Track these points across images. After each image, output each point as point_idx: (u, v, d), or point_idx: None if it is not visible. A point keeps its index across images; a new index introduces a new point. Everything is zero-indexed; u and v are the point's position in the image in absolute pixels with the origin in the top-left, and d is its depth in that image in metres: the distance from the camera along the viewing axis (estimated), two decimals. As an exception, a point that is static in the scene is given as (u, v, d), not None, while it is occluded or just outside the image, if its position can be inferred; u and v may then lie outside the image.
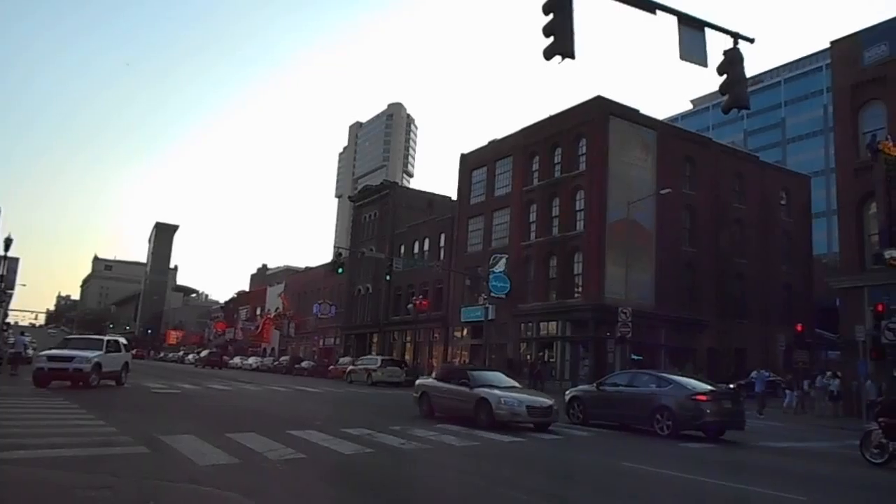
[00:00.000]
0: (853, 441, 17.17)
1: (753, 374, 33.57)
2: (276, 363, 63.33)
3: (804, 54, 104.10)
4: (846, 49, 30.21)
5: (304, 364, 56.50)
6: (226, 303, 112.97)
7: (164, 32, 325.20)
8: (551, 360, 40.22)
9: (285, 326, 76.54)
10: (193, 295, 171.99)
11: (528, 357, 41.41)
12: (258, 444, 10.70)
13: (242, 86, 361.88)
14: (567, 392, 19.80)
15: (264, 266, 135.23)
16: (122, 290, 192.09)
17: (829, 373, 30.03)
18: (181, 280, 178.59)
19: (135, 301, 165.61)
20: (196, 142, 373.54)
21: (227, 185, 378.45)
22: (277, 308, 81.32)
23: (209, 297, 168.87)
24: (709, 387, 16.39)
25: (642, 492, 9.29)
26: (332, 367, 51.32)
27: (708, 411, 15.19)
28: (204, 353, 71.42)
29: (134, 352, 35.72)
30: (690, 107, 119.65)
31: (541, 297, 41.32)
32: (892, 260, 26.16)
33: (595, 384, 18.83)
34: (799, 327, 32.25)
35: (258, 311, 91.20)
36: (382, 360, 42.52)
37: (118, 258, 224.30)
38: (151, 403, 19.17)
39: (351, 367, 44.54)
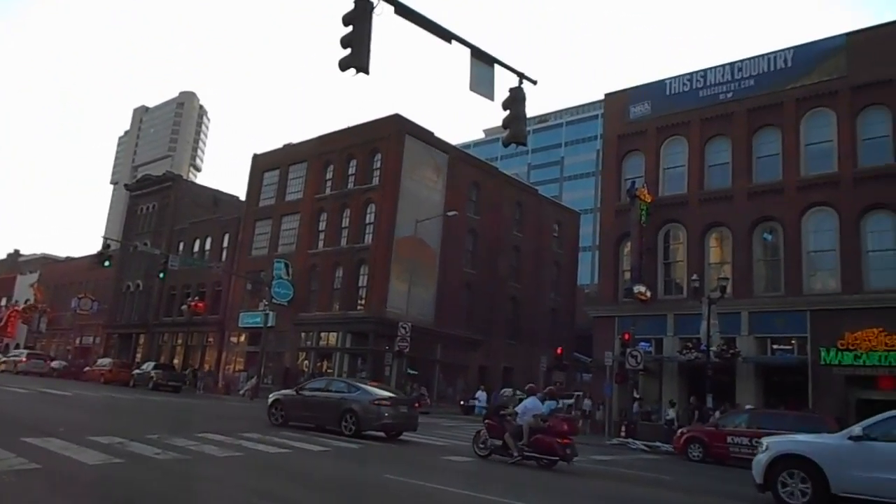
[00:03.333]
0: (596, 456, 18.95)
1: (503, 391, 35.87)
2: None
3: (587, 101, 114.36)
4: (617, 102, 33.69)
5: (54, 364, 50.97)
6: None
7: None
8: (329, 370, 39.99)
9: (35, 321, 68.54)
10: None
11: (306, 367, 40.88)
12: (-19, 454, 9.42)
13: (7, 49, 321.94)
14: (270, 395, 20.91)
15: (16, 252, 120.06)
16: None
17: (578, 393, 32.97)
18: None
19: None
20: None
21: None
22: (28, 300, 72.64)
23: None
24: (390, 393, 18.65)
25: (393, 500, 9.50)
26: (88, 368, 46.87)
27: (386, 414, 17.28)
28: None
29: None
30: (483, 136, 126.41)
31: (324, 307, 41.03)
32: (639, 294, 29.49)
33: (296, 389, 20.10)
34: (559, 350, 35.09)
35: (3, 302, 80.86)
36: (28, 355, 50.90)
37: None
38: None
39: (2, 360, 52.27)
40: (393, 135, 40.47)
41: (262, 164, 49.45)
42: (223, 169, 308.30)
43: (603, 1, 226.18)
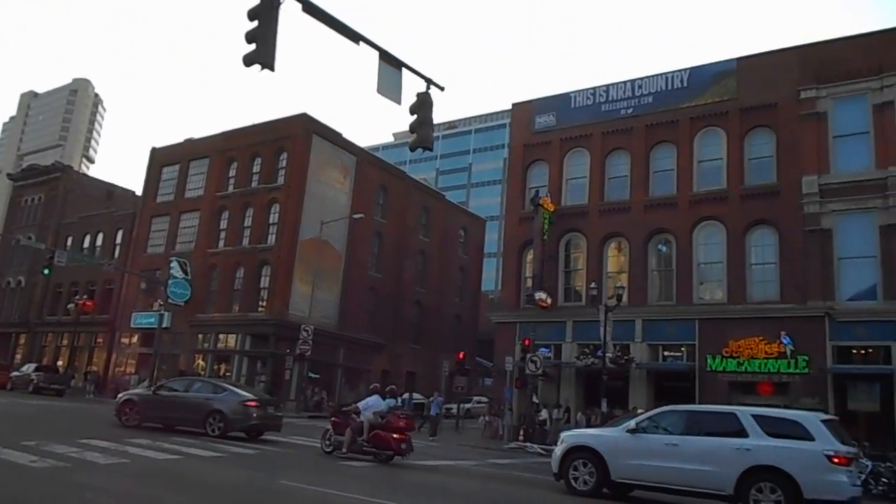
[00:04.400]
0: (493, 460, 19.22)
1: (404, 396, 35.89)
2: None
3: (495, 109, 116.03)
4: (523, 112, 34.38)
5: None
6: None
7: None
8: (227, 374, 38.84)
9: None
10: None
11: (202, 369, 39.54)
12: None
13: None
14: (121, 395, 20.57)
15: None
16: None
17: (483, 398, 33.28)
18: None
19: None
20: None
21: None
22: None
23: None
24: (256, 395, 19.03)
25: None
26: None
27: (255, 415, 17.49)
28: None
29: None
30: (392, 139, 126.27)
31: (223, 308, 39.81)
32: (540, 301, 30.13)
33: (152, 389, 19.92)
34: (461, 355, 35.34)
35: None
36: None
37: None
38: None
39: None
40: (300, 134, 39.79)
41: (161, 159, 47.55)
42: (119, 162, 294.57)
43: (513, 11, 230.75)
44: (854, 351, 24.51)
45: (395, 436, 14.90)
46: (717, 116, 28.85)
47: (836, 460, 10.43)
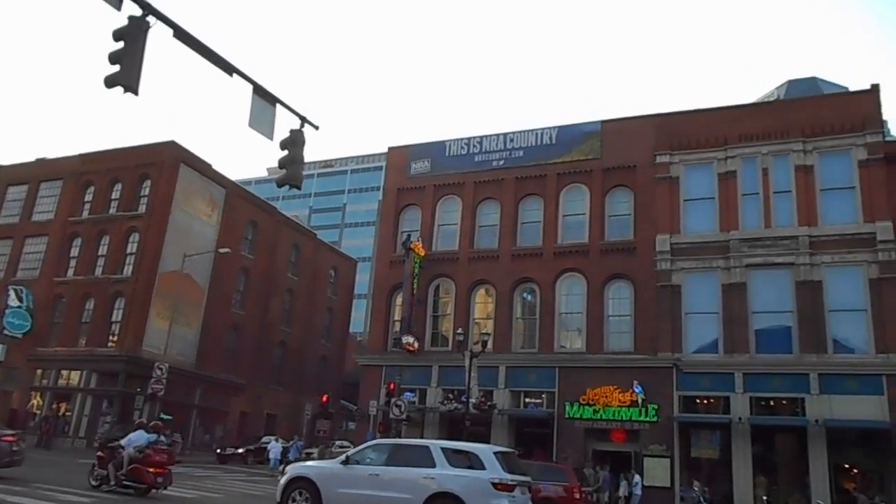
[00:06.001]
0: None
1: (264, 439, 34.72)
2: None
3: (373, 152, 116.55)
4: (399, 156, 34.76)
5: None
6: None
7: None
8: (67, 413, 35.86)
9: None
10: None
11: (39, 408, 36.32)
12: None
13: None
14: None
15: None
16: None
17: (338, 442, 32.63)
18: None
19: None
20: None
21: None
22: None
23: None
24: (10, 430, 18.22)
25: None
26: None
27: (13, 450, 16.68)
28: None
29: None
30: (266, 174, 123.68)
31: (68, 342, 36.93)
32: (407, 345, 30.11)
33: None
34: (324, 398, 34.57)
35: None
36: None
37: None
38: None
39: None
40: (166, 162, 38.14)
41: (6, 177, 44.02)
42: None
43: (395, 55, 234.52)
44: (698, 401, 26.08)
45: (151, 470, 15.35)
46: (582, 174, 30.39)
47: (499, 487, 12.08)
